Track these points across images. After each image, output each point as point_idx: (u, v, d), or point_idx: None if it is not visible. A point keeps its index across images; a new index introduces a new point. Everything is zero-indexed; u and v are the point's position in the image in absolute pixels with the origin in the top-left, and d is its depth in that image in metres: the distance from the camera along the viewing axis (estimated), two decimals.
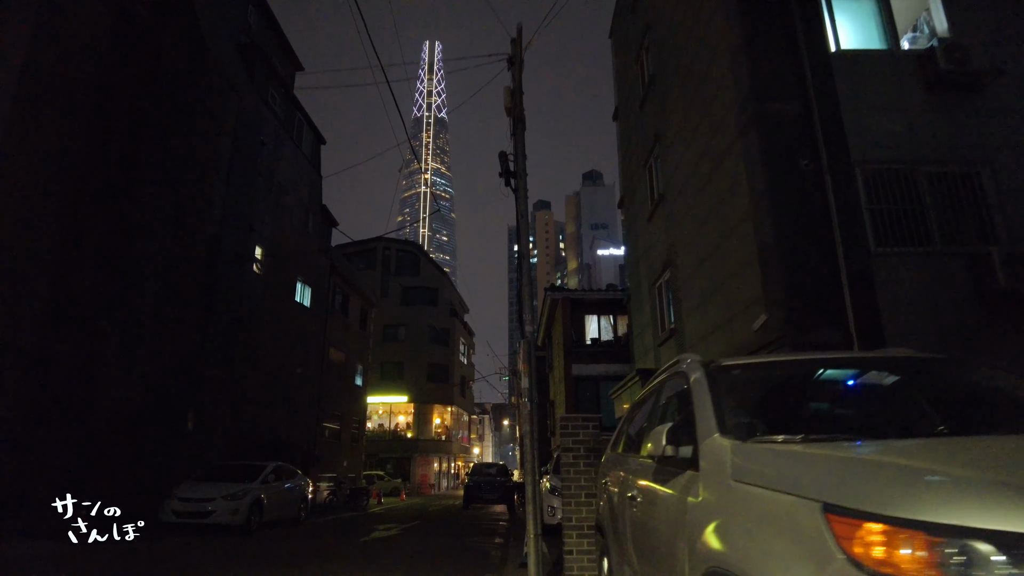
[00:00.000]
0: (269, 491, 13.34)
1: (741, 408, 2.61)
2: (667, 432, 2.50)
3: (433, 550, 10.02)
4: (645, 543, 2.87)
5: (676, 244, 12.08)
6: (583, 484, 6.08)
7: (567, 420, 6.25)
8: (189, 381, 15.04)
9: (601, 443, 6.22)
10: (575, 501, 6.05)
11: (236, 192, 17.20)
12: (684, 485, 2.38)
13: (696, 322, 10.92)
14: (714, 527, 2.01)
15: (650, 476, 2.92)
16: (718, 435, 2.31)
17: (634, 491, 3.18)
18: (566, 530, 5.98)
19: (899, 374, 2.91)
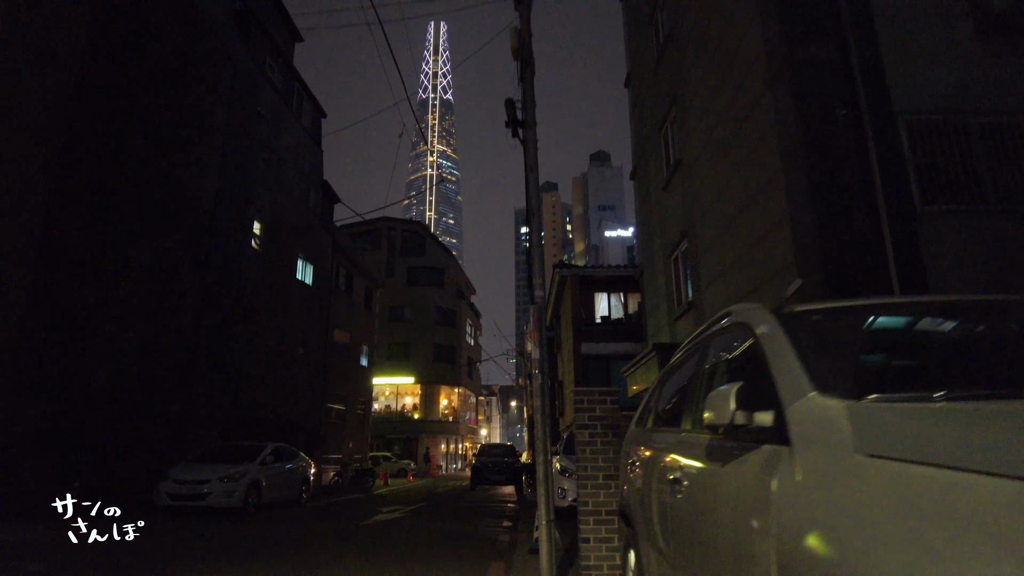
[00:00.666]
0: (268, 472, 12.85)
1: (835, 362, 1.95)
2: (736, 393, 1.84)
3: (438, 534, 9.48)
4: (697, 540, 2.22)
5: (695, 212, 11.35)
6: (600, 465, 5.45)
7: (582, 394, 5.61)
8: (185, 360, 14.50)
9: (620, 420, 5.59)
10: (591, 484, 5.43)
11: (232, 164, 16.52)
12: (762, 465, 1.73)
13: (717, 294, 10.23)
14: (825, 523, 1.35)
15: (703, 454, 2.27)
16: (816, 394, 1.65)
17: (676, 473, 2.54)
18: (582, 516, 5.37)
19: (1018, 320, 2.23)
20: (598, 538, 5.34)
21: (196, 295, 14.91)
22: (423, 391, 45.12)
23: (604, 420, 5.54)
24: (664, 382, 3.78)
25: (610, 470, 5.46)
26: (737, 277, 9.32)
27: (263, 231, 18.36)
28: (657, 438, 3.29)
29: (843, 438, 1.42)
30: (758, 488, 1.71)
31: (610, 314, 21.94)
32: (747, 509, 1.76)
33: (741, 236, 9.15)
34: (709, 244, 10.61)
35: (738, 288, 9.27)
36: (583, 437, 5.51)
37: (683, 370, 3.38)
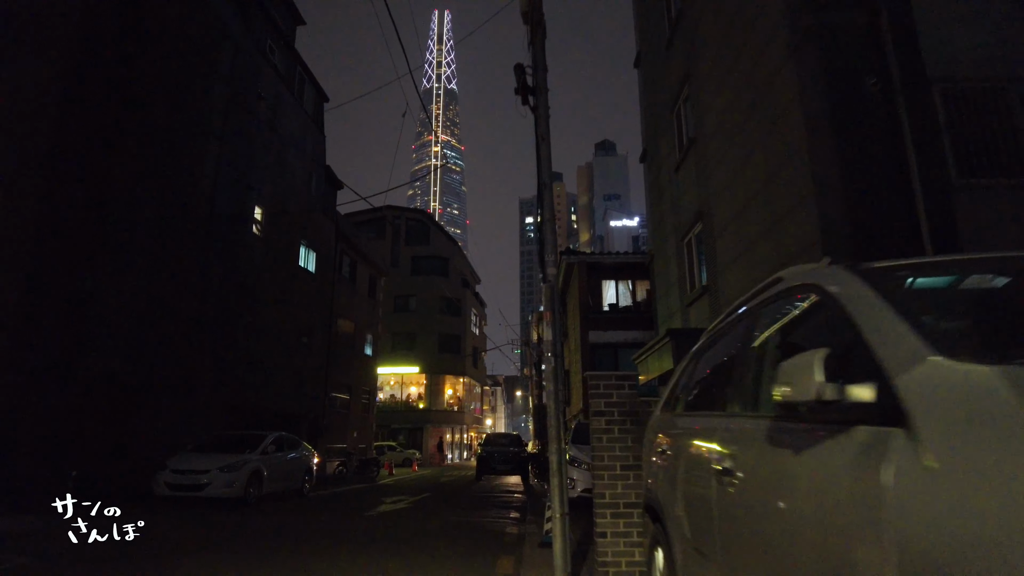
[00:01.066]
0: (269, 462, 12.55)
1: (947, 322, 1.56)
2: (822, 362, 1.45)
3: (443, 526, 9.15)
4: (759, 542, 1.84)
5: (710, 192, 10.92)
6: (617, 454, 5.08)
7: (597, 379, 5.23)
8: (185, 347, 14.19)
9: (639, 406, 5.21)
10: (608, 474, 5.06)
11: (232, 147, 16.13)
12: (861, 450, 1.35)
13: (733, 277, 9.81)
14: (995, 524, 0.98)
15: (763, 440, 1.88)
16: (940, 358, 1.26)
17: (725, 463, 2.15)
18: (598, 509, 5.00)
19: None
20: (616, 532, 4.98)
21: (196, 281, 14.56)
22: (428, 381, 44.89)
23: (621, 407, 5.16)
24: (696, 362, 3.38)
25: (628, 459, 5.09)
26: (756, 259, 8.90)
27: (264, 216, 17.99)
28: (692, 424, 2.90)
29: (1005, 410, 1.03)
30: (859, 479, 1.32)
31: (618, 301, 21.54)
32: (843, 506, 1.38)
33: (761, 216, 8.73)
34: (725, 225, 10.19)
35: (758, 270, 8.85)
36: (599, 425, 5.14)
37: (721, 347, 2.99)
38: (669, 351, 9.71)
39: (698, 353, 3.43)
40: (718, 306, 10.39)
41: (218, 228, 15.43)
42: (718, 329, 3.14)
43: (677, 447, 3.00)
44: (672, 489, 2.94)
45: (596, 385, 5.21)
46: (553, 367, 5.16)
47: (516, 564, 6.23)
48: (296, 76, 21.08)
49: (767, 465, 1.85)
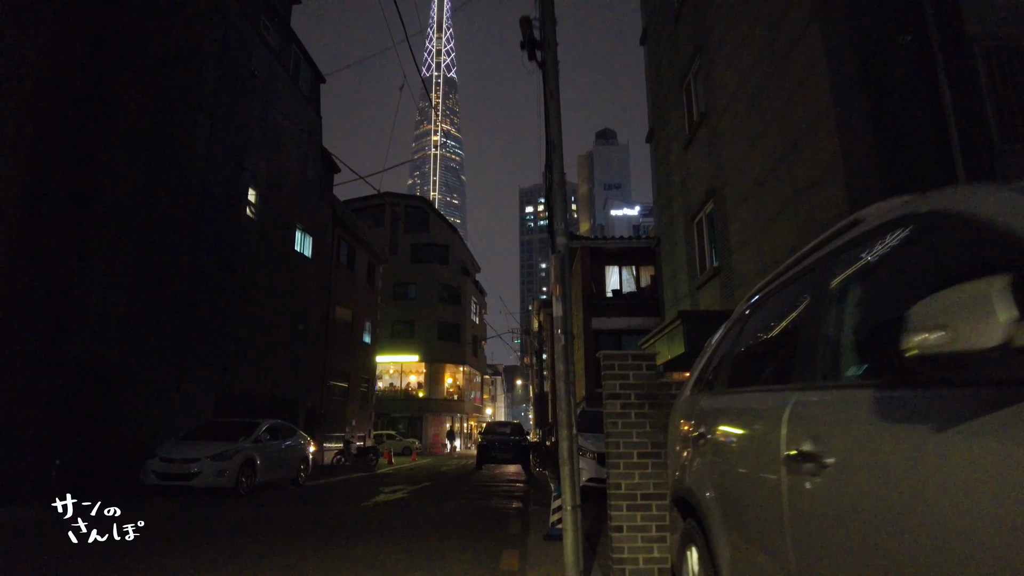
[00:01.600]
0: (263, 450, 12.11)
1: None
2: (1009, 292, 0.96)
3: (443, 517, 8.72)
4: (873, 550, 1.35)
5: (722, 169, 10.41)
6: (635, 441, 4.61)
7: (611, 359, 4.75)
8: (176, 332, 13.70)
9: (659, 388, 4.74)
10: (624, 463, 4.59)
11: (225, 126, 15.58)
12: None
13: (748, 257, 9.32)
14: None
15: (872, 414, 1.39)
16: None
17: (807, 447, 1.66)
18: (613, 500, 4.54)
19: None
20: (633, 526, 4.52)
21: (187, 264, 14.06)
22: (428, 369, 44.50)
23: (639, 389, 4.69)
24: (739, 332, 2.89)
25: (647, 447, 4.63)
26: (774, 236, 8.41)
27: (259, 199, 17.46)
28: (742, 403, 2.41)
29: None
30: None
31: (621, 288, 21.07)
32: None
33: (779, 191, 8.23)
34: (739, 203, 9.68)
35: (776, 248, 8.36)
36: (614, 409, 4.67)
37: (774, 310, 2.50)
38: (681, 334, 9.24)
39: (740, 321, 2.94)
40: (731, 288, 9.91)
41: (210, 209, 14.90)
42: (768, 291, 2.65)
43: (720, 431, 2.52)
44: (714, 480, 2.46)
45: (610, 365, 4.74)
46: (564, 345, 4.68)
47: (521, 559, 5.79)
48: (291, 55, 20.47)
49: (877, 448, 1.36)
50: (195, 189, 14.29)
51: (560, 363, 4.68)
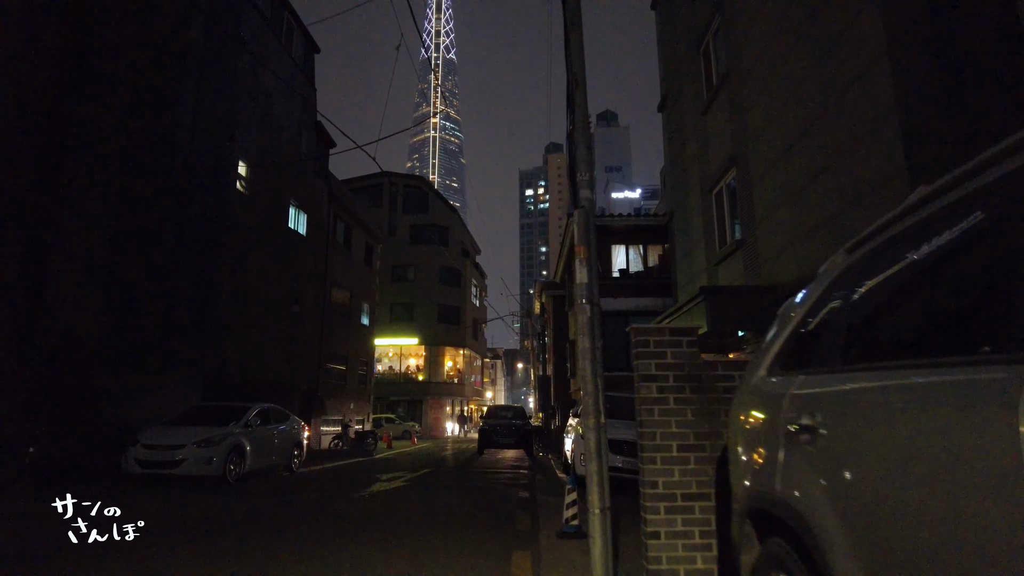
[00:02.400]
0: (253, 436, 11.44)
1: None
2: None
3: (444, 509, 8.04)
4: None
5: (746, 134, 9.60)
6: (674, 431, 3.88)
7: (645, 334, 4.01)
8: (158, 310, 12.94)
9: (702, 369, 4.00)
10: (661, 457, 3.87)
11: (211, 93, 14.69)
12: None
13: (776, 228, 8.55)
14: None
15: None
16: None
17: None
18: (648, 502, 3.82)
19: None
20: (672, 532, 3.80)
21: (171, 237, 13.25)
22: (427, 352, 43.86)
23: (678, 370, 3.95)
24: (850, 292, 2.12)
25: (688, 438, 3.89)
26: (807, 204, 7.63)
27: (249, 172, 16.61)
28: (913, 383, 1.62)
29: None
30: None
31: (628, 267, 20.30)
32: None
33: (815, 152, 7.43)
34: (766, 170, 8.89)
35: (810, 215, 7.59)
36: (648, 393, 3.93)
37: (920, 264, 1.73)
38: (703, 312, 8.49)
39: (847, 277, 2.18)
40: (755, 262, 9.14)
41: (196, 181, 14.06)
42: (896, 237, 1.88)
43: (855, 426, 1.77)
44: (842, 494, 1.72)
45: (644, 343, 3.99)
46: (590, 317, 3.93)
47: (535, 562, 5.09)
48: (284, 23, 19.49)
49: None
50: (179, 158, 13.45)
51: (584, 338, 3.93)
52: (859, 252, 2.22)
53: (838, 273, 2.32)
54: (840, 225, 6.78)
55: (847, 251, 2.39)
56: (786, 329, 2.57)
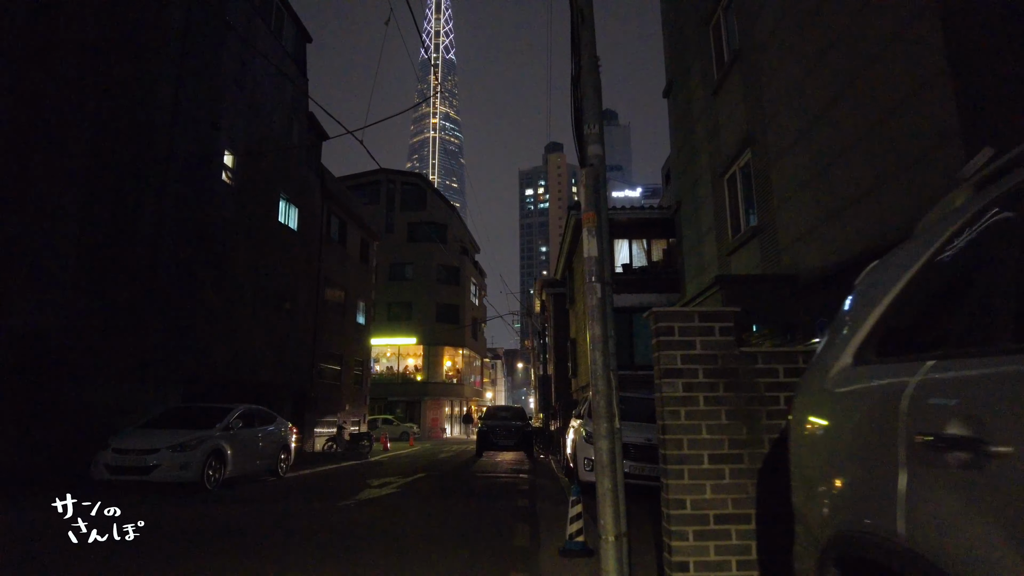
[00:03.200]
0: (235, 439, 10.72)
1: None
2: None
3: (435, 521, 7.32)
4: None
5: (763, 112, 8.88)
6: (705, 437, 3.16)
7: (669, 319, 3.29)
8: (135, 305, 12.21)
9: (739, 363, 3.28)
10: (689, 470, 3.15)
11: (194, 77, 13.97)
12: None
13: (797, 210, 7.83)
14: None
15: None
16: None
17: None
18: (674, 525, 3.11)
19: None
20: (703, 563, 3.08)
21: (149, 228, 12.54)
22: (426, 352, 43.10)
23: (710, 363, 3.23)
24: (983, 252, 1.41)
25: (722, 446, 3.17)
26: (836, 181, 6.90)
27: (237, 164, 15.89)
28: None
29: None
30: None
31: (631, 262, 19.58)
32: None
33: (845, 124, 6.71)
34: (786, 148, 8.16)
35: (835, 197, 6.87)
36: (672, 392, 3.21)
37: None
38: (717, 304, 7.78)
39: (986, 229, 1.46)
40: (774, 249, 8.42)
41: (177, 169, 13.34)
42: None
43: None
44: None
45: (667, 329, 3.27)
46: (601, 298, 3.21)
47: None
48: (273, 9, 18.76)
49: None
50: (159, 144, 12.73)
51: (595, 325, 3.22)
52: (1004, 185, 1.51)
53: (968, 217, 1.60)
54: (875, 202, 6.06)
55: (975, 187, 1.69)
56: (880, 302, 1.84)
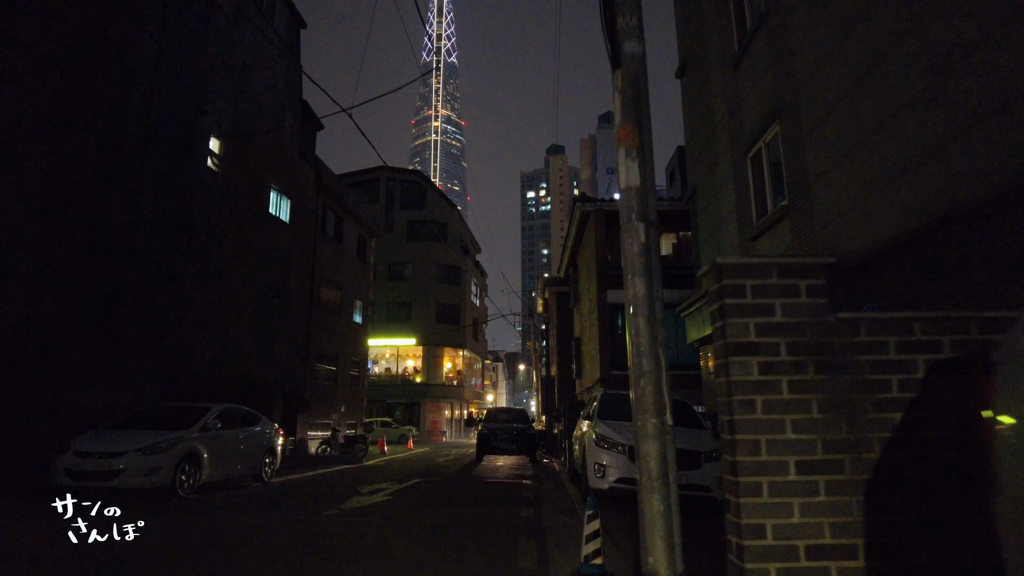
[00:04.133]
0: (213, 441, 9.84)
1: None
2: None
3: (427, 536, 6.42)
4: None
5: (794, 79, 7.99)
6: (791, 438, 2.26)
7: (740, 273, 2.40)
8: (106, 295, 11.31)
9: (835, 333, 2.38)
10: (770, 483, 2.25)
11: (175, 55, 13.10)
12: None
13: (837, 183, 6.94)
14: None
15: None
16: None
17: None
18: (750, 561, 2.20)
19: None
20: None
21: (123, 214, 11.64)
22: (425, 353, 42.19)
23: (797, 335, 2.33)
24: None
25: (814, 449, 2.27)
26: (886, 146, 6.01)
27: (224, 150, 15.01)
28: None
29: None
30: None
31: None
32: None
33: (894, 82, 5.83)
34: (823, 116, 7.28)
35: (887, 162, 5.97)
36: (742, 375, 2.31)
37: None
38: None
39: None
40: (808, 228, 7.53)
41: (157, 152, 12.45)
42: None
43: None
44: None
45: (736, 288, 2.37)
46: (645, 243, 2.32)
47: None
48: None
49: None
50: (135, 124, 11.85)
51: (637, 280, 2.33)
52: None
53: None
54: (942, 162, 5.17)
55: None
56: None
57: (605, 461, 8.54)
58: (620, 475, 8.36)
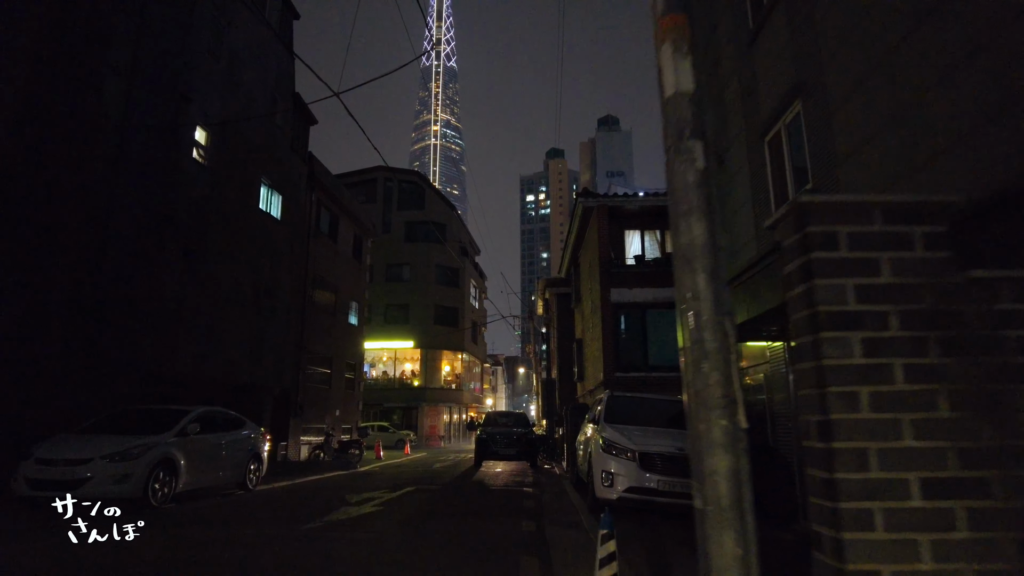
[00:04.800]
0: (191, 447, 9.16)
1: None
2: None
3: (416, 556, 5.73)
4: None
5: (818, 52, 7.34)
6: (910, 446, 1.59)
7: (824, 217, 1.72)
8: (77, 291, 10.62)
9: (962, 299, 1.72)
10: (886, 511, 1.57)
11: (157, 39, 12.45)
12: None
13: (871, 163, 6.27)
14: None
15: None
16: None
17: None
18: None
19: None
20: None
21: (99, 203, 10.97)
22: (423, 356, 41.43)
23: (913, 301, 1.65)
24: None
25: (943, 462, 1.61)
26: (927, 120, 5.34)
27: (210, 142, 14.35)
28: None
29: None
30: None
31: (644, 254, 18.04)
32: None
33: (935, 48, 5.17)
34: (854, 89, 6.62)
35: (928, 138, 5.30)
36: (839, 357, 1.66)
37: None
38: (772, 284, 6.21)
39: None
40: None
41: (136, 140, 11.78)
42: None
43: None
44: None
45: (827, 237, 1.73)
46: (704, 171, 1.66)
47: None
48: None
49: None
50: (111, 108, 11.19)
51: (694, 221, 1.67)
52: None
53: None
54: (1001, 132, 4.50)
55: None
56: None
57: (614, 469, 7.89)
58: (630, 484, 7.71)
